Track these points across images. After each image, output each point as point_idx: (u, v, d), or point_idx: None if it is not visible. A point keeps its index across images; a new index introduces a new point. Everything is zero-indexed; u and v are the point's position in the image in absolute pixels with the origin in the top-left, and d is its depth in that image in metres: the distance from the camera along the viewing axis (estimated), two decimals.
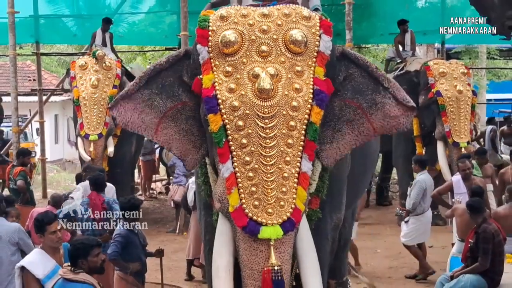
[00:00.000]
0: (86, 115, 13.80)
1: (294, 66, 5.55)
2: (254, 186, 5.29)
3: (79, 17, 19.34)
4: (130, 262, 7.80)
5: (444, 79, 14.21)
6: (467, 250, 8.63)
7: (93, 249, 5.68)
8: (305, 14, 5.81)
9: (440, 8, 19.83)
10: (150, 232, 10.73)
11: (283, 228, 5.21)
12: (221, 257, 5.46)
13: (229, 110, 5.38)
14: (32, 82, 20.72)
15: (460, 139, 13.93)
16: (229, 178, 5.31)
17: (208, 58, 5.60)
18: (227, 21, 5.71)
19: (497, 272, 8.45)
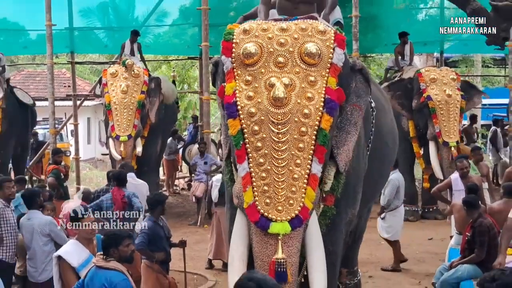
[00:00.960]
0: (116, 118, 13.87)
1: (308, 76, 5.54)
2: (266, 185, 5.33)
3: (109, 29, 19.38)
4: (156, 252, 7.85)
5: (434, 85, 14.24)
6: (464, 242, 8.61)
7: (124, 240, 5.66)
8: (321, 28, 5.80)
9: (439, 21, 19.69)
10: (174, 225, 10.70)
11: (291, 224, 5.24)
12: (236, 248, 5.49)
13: (247, 116, 5.41)
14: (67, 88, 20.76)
15: (450, 139, 13.96)
16: (245, 177, 5.37)
17: (231, 68, 5.62)
18: (249, 35, 5.72)
19: (492, 262, 8.39)
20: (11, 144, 15.12)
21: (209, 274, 10.87)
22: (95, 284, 5.27)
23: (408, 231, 12.96)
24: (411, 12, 19.59)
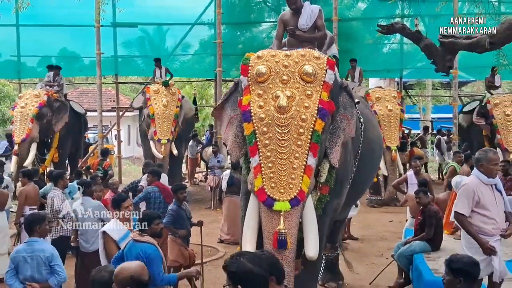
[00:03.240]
0: (159, 125, 14.12)
1: (305, 90, 5.67)
2: (272, 173, 5.45)
3: (145, 57, 19.36)
4: (179, 229, 7.88)
5: (379, 102, 14.37)
6: (416, 224, 8.59)
7: (155, 220, 5.72)
8: (316, 55, 5.95)
9: (399, 53, 19.76)
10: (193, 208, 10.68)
11: (291, 203, 5.37)
12: (250, 222, 5.60)
13: (258, 120, 5.57)
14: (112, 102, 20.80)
15: (391, 144, 14.14)
16: (256, 168, 5.52)
17: (248, 85, 5.78)
18: (261, 59, 5.88)
19: (438, 239, 8.40)
20: (68, 145, 15.12)
21: (220, 247, 10.95)
22: (132, 254, 5.25)
23: (374, 215, 13.02)
24: (378, 46, 19.54)
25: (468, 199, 5.53)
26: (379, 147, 8.60)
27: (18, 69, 18.82)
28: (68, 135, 14.94)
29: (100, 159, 13.97)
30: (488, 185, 5.52)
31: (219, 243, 11.25)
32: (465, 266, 3.81)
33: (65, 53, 18.95)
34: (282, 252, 5.27)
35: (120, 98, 21.67)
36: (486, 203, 5.47)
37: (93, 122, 18.37)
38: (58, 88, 14.82)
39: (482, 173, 5.54)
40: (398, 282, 8.43)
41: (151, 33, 19.54)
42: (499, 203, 5.50)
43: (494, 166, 5.49)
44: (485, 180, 5.53)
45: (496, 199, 5.51)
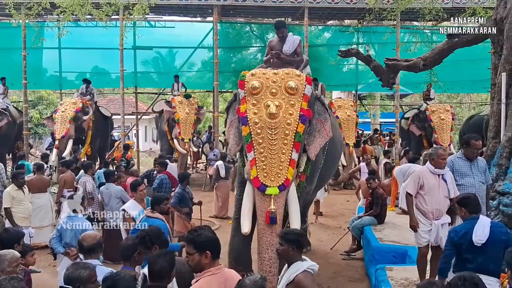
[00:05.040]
0: (183, 128, 14.58)
1: (290, 101, 5.71)
2: (264, 165, 5.48)
3: (159, 73, 19.33)
4: (183, 207, 7.80)
5: (340, 109, 14.39)
6: (367, 203, 8.65)
7: (164, 201, 5.67)
8: (297, 73, 6.03)
9: (355, 72, 19.79)
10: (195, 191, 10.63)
11: (279, 188, 5.42)
12: (246, 204, 5.62)
13: (253, 124, 5.61)
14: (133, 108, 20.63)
15: (349, 141, 14.21)
16: (252, 161, 5.55)
17: (244, 96, 5.81)
18: (254, 76, 5.93)
19: (383, 215, 8.46)
20: (97, 141, 15.06)
21: (216, 221, 10.88)
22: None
23: (335, 196, 13.00)
24: (339, 66, 19.48)
25: (415, 182, 5.49)
26: (340, 145, 8.62)
27: (60, 82, 18.77)
28: (97, 133, 14.94)
29: (123, 152, 13.93)
30: (435, 175, 5.42)
31: (212, 217, 11.17)
32: (296, 237, 3.74)
33: (97, 69, 18.86)
34: (273, 226, 5.26)
35: (139, 104, 21.59)
36: (429, 188, 5.40)
37: (117, 123, 18.38)
38: (90, 97, 14.78)
39: (432, 165, 5.47)
40: (352, 247, 8.48)
41: (163, 54, 19.38)
42: (441, 190, 5.38)
43: (442, 160, 5.40)
44: (431, 169, 5.45)
45: (440, 187, 5.39)
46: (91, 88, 15.09)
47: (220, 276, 3.09)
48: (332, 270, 7.64)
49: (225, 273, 3.14)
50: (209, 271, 3.11)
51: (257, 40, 19.45)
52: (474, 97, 27.94)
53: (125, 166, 10.83)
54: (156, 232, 4.16)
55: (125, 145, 14.78)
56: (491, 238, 4.13)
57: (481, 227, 4.19)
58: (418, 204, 5.51)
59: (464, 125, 15.93)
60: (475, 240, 4.16)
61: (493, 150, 7.08)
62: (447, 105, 15.15)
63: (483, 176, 5.67)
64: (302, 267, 3.59)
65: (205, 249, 3.14)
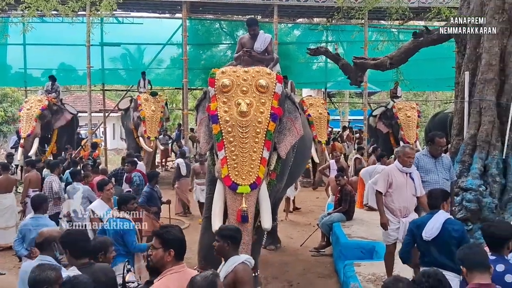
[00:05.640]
0: (148, 126, 14.17)
1: (260, 99, 5.64)
2: (235, 164, 5.40)
3: (127, 70, 19.04)
4: (152, 206, 7.69)
5: (312, 107, 14.31)
6: (336, 200, 8.70)
7: (130, 201, 5.58)
8: (268, 71, 5.94)
9: (324, 70, 19.94)
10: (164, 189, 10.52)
11: (250, 187, 5.34)
12: (218, 203, 5.49)
13: (224, 122, 5.50)
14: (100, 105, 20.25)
15: (321, 138, 14.22)
16: (223, 160, 5.44)
17: (214, 94, 5.69)
18: (225, 74, 5.80)
19: (351, 212, 8.55)
20: (63, 139, 14.73)
21: (186, 220, 10.77)
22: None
23: (305, 193, 13.05)
24: (308, 64, 19.57)
25: (384, 180, 5.55)
26: (310, 142, 8.62)
27: (24, 79, 18.29)
28: (63, 131, 14.58)
29: (90, 151, 13.65)
30: (403, 173, 5.48)
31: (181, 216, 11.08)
32: (230, 232, 3.86)
33: (63, 66, 18.41)
34: (244, 225, 5.22)
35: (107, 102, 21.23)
36: (397, 186, 5.46)
37: (85, 121, 18.06)
38: (55, 94, 14.44)
39: (399, 163, 5.53)
40: (321, 244, 8.53)
41: (132, 51, 19.08)
42: (409, 188, 5.44)
43: (408, 159, 5.46)
44: (399, 168, 5.51)
45: (407, 185, 5.44)
46: (57, 85, 14.75)
47: (182, 275, 3.08)
48: (302, 266, 7.68)
49: (188, 273, 3.13)
50: (172, 270, 3.12)
51: (226, 37, 19.36)
52: (439, 95, 28.61)
53: (92, 165, 10.62)
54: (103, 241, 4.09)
55: (93, 143, 14.52)
56: (441, 235, 4.20)
57: (432, 223, 4.26)
58: (386, 202, 5.57)
59: (429, 122, 16.25)
60: (423, 235, 4.26)
61: (456, 147, 7.26)
62: (413, 103, 15.36)
63: (447, 173, 5.78)
64: (239, 260, 3.72)
65: (170, 247, 3.15)
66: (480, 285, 2.98)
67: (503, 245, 3.40)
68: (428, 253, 4.27)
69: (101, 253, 3.89)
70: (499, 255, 3.37)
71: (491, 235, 3.46)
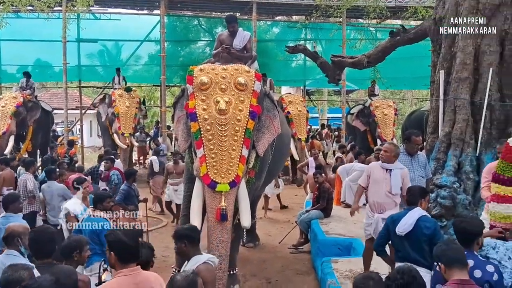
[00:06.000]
0: (123, 122, 13.96)
1: (239, 97, 5.60)
2: (214, 162, 5.34)
3: (104, 66, 18.83)
4: (129, 204, 7.58)
5: (291, 105, 14.19)
6: (314, 197, 8.74)
7: (106, 199, 5.52)
8: (247, 69, 5.92)
9: (303, 68, 20.02)
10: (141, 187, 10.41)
11: (230, 185, 5.30)
12: (197, 201, 5.46)
13: (202, 120, 5.44)
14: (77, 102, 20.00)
15: (301, 136, 14.02)
16: (201, 158, 5.37)
17: (193, 92, 5.62)
18: (203, 71, 5.74)
19: (329, 209, 8.59)
20: (38, 136, 14.45)
21: (163, 218, 10.67)
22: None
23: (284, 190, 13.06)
24: (287, 62, 19.62)
25: (365, 175, 5.62)
26: (288, 140, 8.65)
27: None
28: (39, 129, 14.28)
29: (67, 148, 13.46)
30: (383, 169, 5.50)
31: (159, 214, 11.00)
32: (185, 232, 3.91)
33: (39, 62, 18.17)
34: (223, 223, 5.20)
35: (84, 99, 21.04)
36: (373, 181, 5.51)
37: (61, 118, 17.78)
38: (30, 91, 14.16)
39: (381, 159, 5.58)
40: (299, 241, 8.56)
41: (109, 47, 18.87)
42: (385, 185, 5.43)
43: (384, 153, 5.51)
44: (380, 164, 5.56)
45: (384, 181, 5.44)
46: (32, 82, 14.44)
47: (132, 278, 3.05)
48: (280, 263, 7.72)
49: (140, 276, 3.10)
50: (121, 272, 3.09)
51: (205, 34, 19.29)
52: (416, 93, 29.01)
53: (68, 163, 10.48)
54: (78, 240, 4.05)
55: (69, 141, 14.32)
56: (414, 231, 4.28)
57: (406, 219, 4.34)
58: (367, 197, 5.65)
59: (406, 120, 16.45)
60: (396, 230, 4.35)
61: (432, 145, 7.38)
62: (390, 101, 15.53)
63: (423, 171, 5.86)
64: (201, 260, 3.72)
65: (111, 250, 3.15)
66: (461, 281, 3.03)
67: (473, 241, 3.48)
68: (401, 248, 4.35)
69: (76, 252, 3.84)
70: (469, 251, 3.43)
71: (462, 230, 3.52)
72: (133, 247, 3.14)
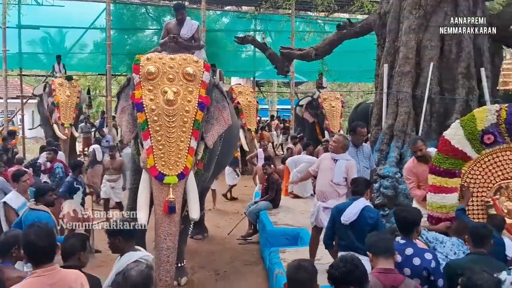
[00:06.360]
0: (62, 112, 13.46)
1: (187, 87, 5.52)
2: (162, 154, 5.26)
3: (47, 54, 18.07)
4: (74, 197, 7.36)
5: (241, 95, 14.35)
6: (263, 188, 8.79)
7: (48, 192, 5.33)
8: (195, 59, 5.84)
9: (253, 59, 20.04)
10: None
11: (178, 177, 5.25)
12: (143, 194, 5.38)
13: (149, 111, 5.34)
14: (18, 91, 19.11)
15: (251, 126, 14.26)
16: (148, 149, 5.29)
17: (139, 81, 5.50)
18: (150, 61, 5.62)
19: (278, 200, 8.68)
20: None
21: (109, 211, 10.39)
22: (29, 220, 4.87)
23: None
24: (237, 52, 19.60)
25: (317, 164, 5.76)
26: (237, 131, 8.64)
27: None
28: None
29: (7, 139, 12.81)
30: (332, 159, 5.59)
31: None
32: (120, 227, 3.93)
33: None
34: (171, 216, 5.15)
35: (25, 87, 20.13)
36: (320, 170, 5.63)
37: (1, 108, 16.96)
38: None
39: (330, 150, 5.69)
40: (248, 232, 8.60)
41: (52, 34, 18.18)
42: (329, 174, 5.52)
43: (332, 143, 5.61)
44: (330, 154, 5.66)
45: (329, 170, 5.53)
46: None
47: (47, 278, 2.92)
48: (229, 255, 7.74)
49: (58, 275, 2.97)
50: (35, 273, 2.95)
51: (153, 23, 18.93)
52: (362, 86, 29.75)
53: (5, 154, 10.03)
54: None
55: (10, 131, 13.68)
56: (358, 220, 4.45)
57: (351, 209, 4.50)
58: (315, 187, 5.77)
59: (352, 112, 16.86)
60: (341, 219, 4.50)
61: (376, 137, 7.62)
62: (337, 93, 15.83)
63: (367, 162, 6.04)
64: (133, 257, 3.66)
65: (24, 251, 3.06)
66: (384, 270, 3.15)
67: (413, 229, 3.63)
68: (346, 238, 4.48)
69: (15, 247, 3.70)
70: (408, 239, 3.58)
71: (403, 219, 3.66)
72: (43, 247, 2.94)
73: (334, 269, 2.80)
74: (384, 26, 7.96)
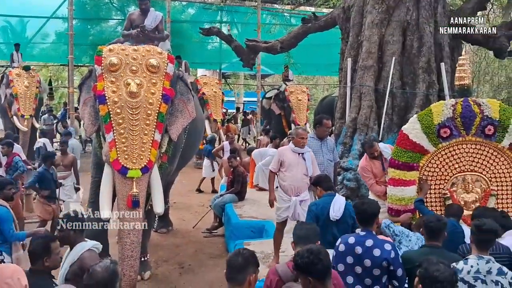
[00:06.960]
0: (22, 103, 12.99)
1: (151, 79, 5.45)
2: (125, 147, 5.19)
3: (7, 44, 17.54)
4: (43, 189, 7.17)
5: (206, 86, 14.33)
6: (229, 181, 8.81)
7: (7, 186, 5.16)
8: (159, 50, 5.78)
9: (219, 51, 19.94)
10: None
11: (142, 171, 5.20)
12: (106, 187, 5.29)
13: (112, 103, 5.25)
14: None
15: (217, 117, 14.29)
16: (111, 143, 5.21)
17: (101, 73, 5.40)
18: (113, 52, 5.53)
19: (243, 192, 8.71)
20: None
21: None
22: None
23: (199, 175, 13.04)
24: (203, 44, 19.46)
25: (276, 160, 5.69)
26: (202, 124, 8.58)
27: None
28: None
29: None
30: (295, 153, 5.61)
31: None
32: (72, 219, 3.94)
33: None
34: (135, 210, 5.08)
35: None
36: (288, 165, 5.59)
37: None
38: None
39: (293, 144, 5.68)
40: (213, 225, 8.60)
41: (13, 23, 17.68)
42: (300, 168, 5.56)
43: (300, 139, 5.59)
44: (292, 148, 5.65)
45: (299, 165, 5.56)
46: None
47: None
48: (194, 248, 7.72)
49: None
50: None
51: (117, 13, 18.58)
52: (328, 79, 30.05)
53: None
54: None
55: None
56: (343, 215, 4.54)
57: (337, 204, 4.58)
58: (280, 181, 5.74)
59: (318, 105, 17.00)
60: (331, 215, 4.53)
61: (339, 130, 7.72)
62: (304, 87, 15.94)
63: (331, 155, 6.11)
64: (85, 247, 3.69)
65: None
66: None
67: (373, 221, 3.71)
68: (330, 232, 4.50)
69: None
70: (369, 231, 3.66)
71: (363, 212, 3.73)
72: None
73: (298, 257, 2.82)
74: (348, 20, 8.05)
